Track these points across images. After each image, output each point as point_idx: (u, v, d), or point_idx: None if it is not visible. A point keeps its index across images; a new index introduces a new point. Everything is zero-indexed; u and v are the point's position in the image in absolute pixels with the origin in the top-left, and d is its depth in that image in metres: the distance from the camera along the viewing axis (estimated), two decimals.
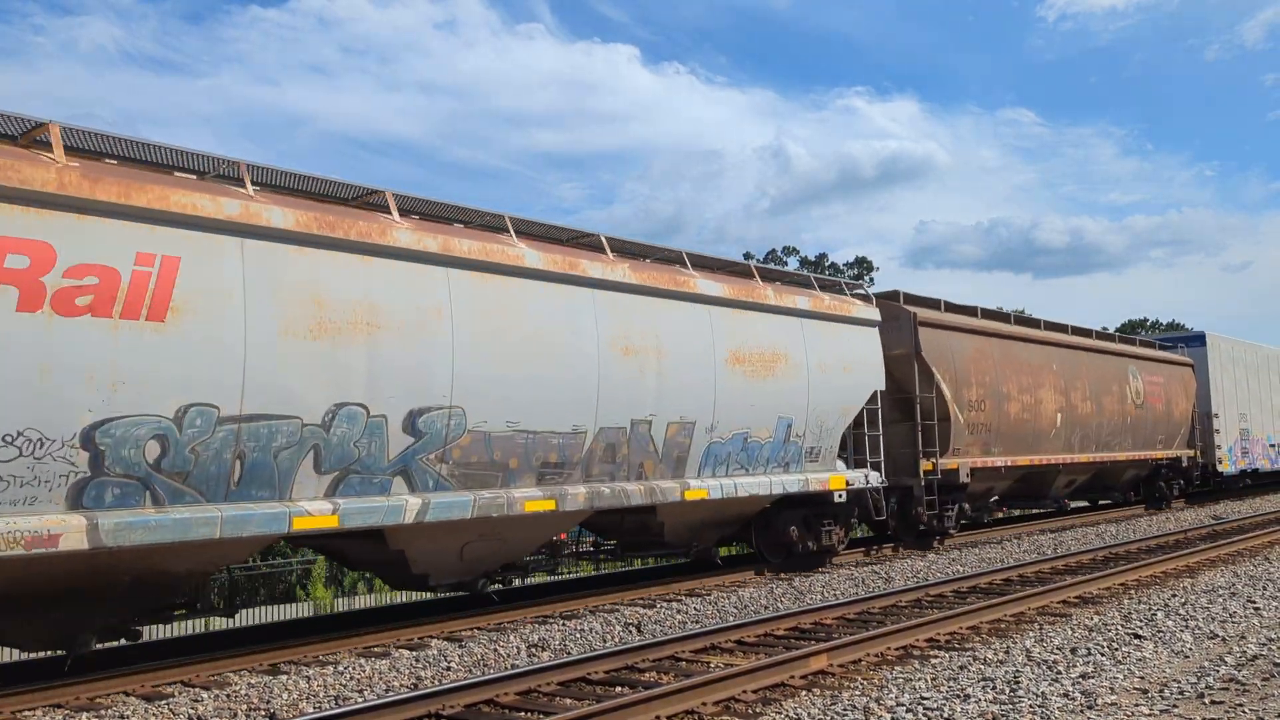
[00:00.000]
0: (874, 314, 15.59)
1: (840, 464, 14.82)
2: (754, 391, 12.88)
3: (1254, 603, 10.60)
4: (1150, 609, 10.40)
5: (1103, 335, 23.78)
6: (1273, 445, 31.52)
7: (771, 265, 14.52)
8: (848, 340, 14.75)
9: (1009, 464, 18.54)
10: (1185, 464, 25.71)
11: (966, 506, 18.25)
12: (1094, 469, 22.10)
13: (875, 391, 15.16)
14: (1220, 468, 27.32)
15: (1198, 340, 28.37)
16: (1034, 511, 24.70)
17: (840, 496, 14.48)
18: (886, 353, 15.72)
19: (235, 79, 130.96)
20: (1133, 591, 11.81)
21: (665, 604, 11.90)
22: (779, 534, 14.18)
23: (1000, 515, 24.36)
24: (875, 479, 15.21)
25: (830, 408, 14.15)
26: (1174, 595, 11.27)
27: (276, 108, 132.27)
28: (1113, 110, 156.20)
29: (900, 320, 16.84)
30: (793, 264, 55.10)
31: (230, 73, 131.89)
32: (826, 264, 55.37)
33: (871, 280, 54.45)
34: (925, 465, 16.60)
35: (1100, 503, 26.00)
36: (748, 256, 49.67)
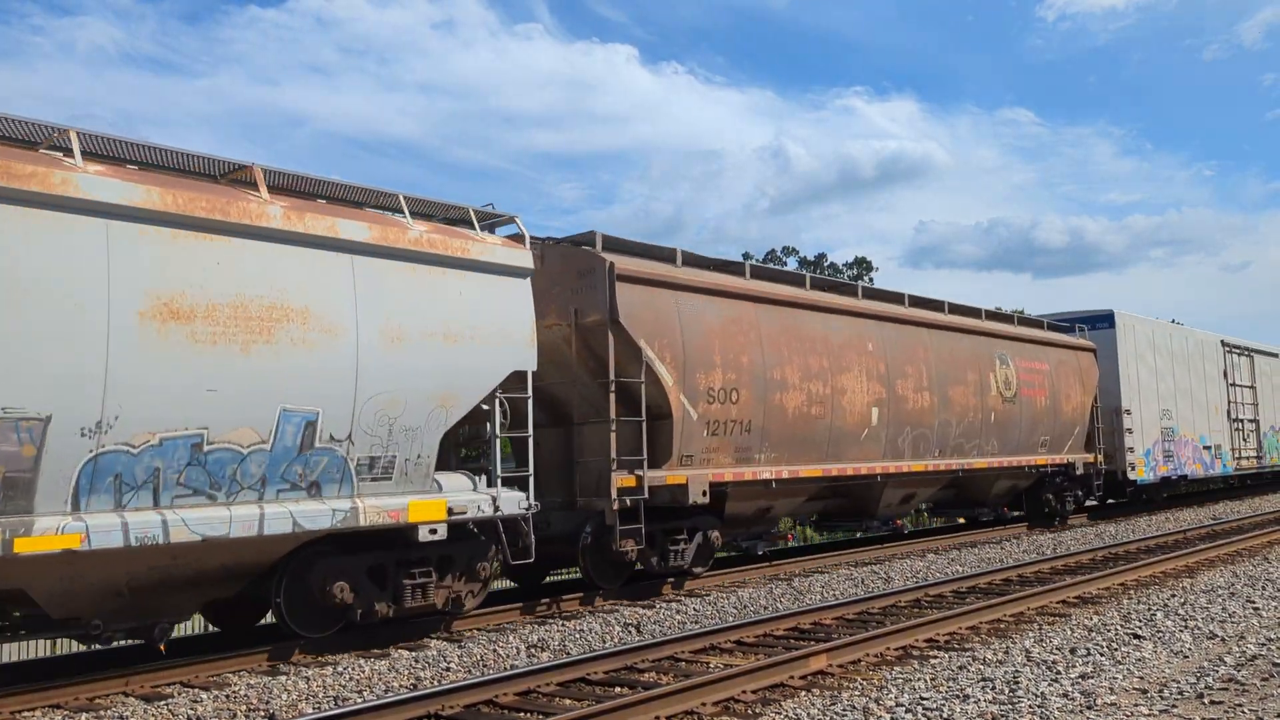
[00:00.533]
0: (519, 258, 10.50)
1: (463, 480, 10.08)
2: (216, 367, 8.10)
3: (1253, 603, 10.61)
4: (1150, 609, 10.41)
5: (959, 309, 18.38)
6: (1207, 448, 26.27)
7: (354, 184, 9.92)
8: (463, 295, 9.83)
9: (787, 475, 13.71)
10: (1081, 471, 20.79)
11: (716, 536, 13.28)
12: (943, 480, 17.38)
13: (523, 373, 10.41)
14: (1133, 475, 22.45)
15: (1104, 320, 23.26)
16: (860, 537, 19.65)
17: (432, 532, 9.60)
18: (579, 320, 11.88)
19: (234, 79, 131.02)
20: (1132, 591, 11.82)
21: (664, 604, 11.90)
22: (319, 595, 9.22)
23: (790, 543, 19.14)
24: (513, 502, 10.26)
25: (415, 397, 9.43)
26: (1173, 595, 11.28)
27: (276, 108, 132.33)
28: (1111, 110, 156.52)
29: (595, 274, 11.86)
30: (792, 264, 54.78)
31: (229, 73, 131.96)
32: (825, 263, 55.15)
33: (871, 280, 53.59)
34: (622, 480, 11.62)
35: (983, 520, 21.05)
36: (747, 256, 49.30)
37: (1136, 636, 9.02)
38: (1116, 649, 8.51)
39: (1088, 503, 23.44)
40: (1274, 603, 10.58)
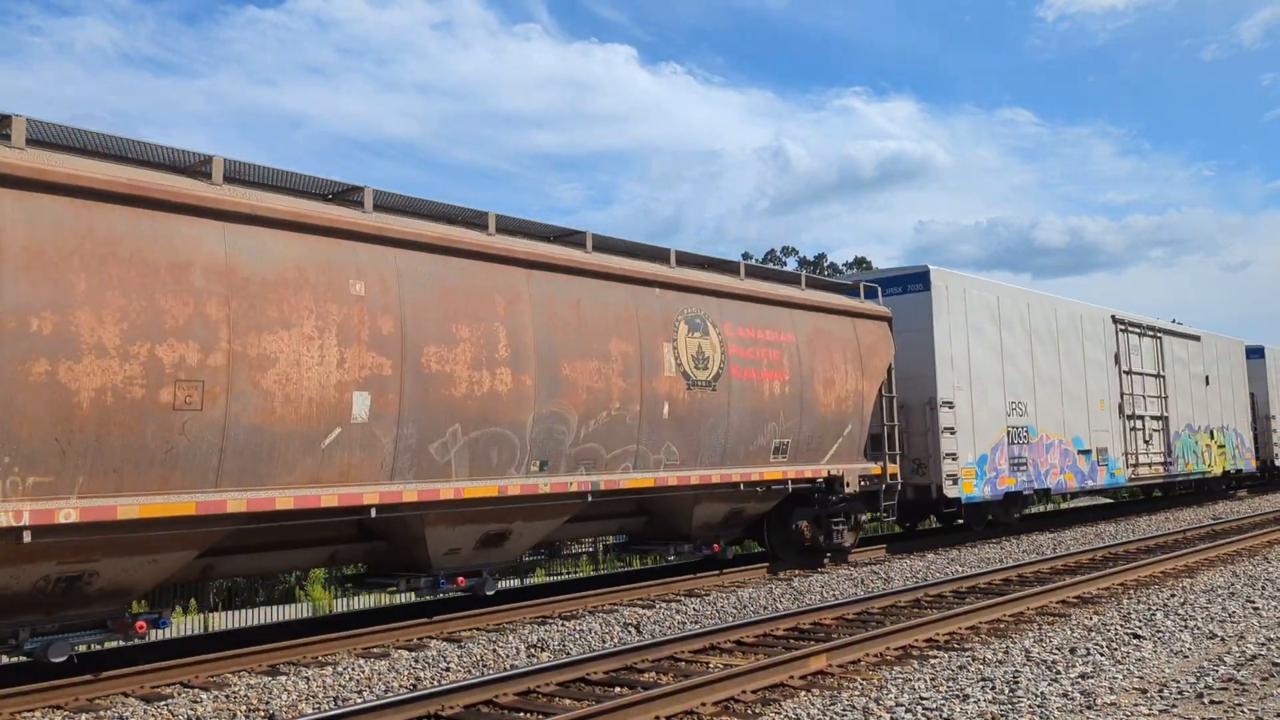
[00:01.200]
0: None
1: None
2: None
3: (1253, 603, 10.61)
4: (1149, 609, 10.41)
5: (618, 247, 12.14)
6: (1085, 453, 20.40)
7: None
8: None
9: (80, 519, 7.30)
10: (856, 486, 14.73)
11: None
12: (569, 509, 11.13)
13: None
14: (954, 490, 16.66)
15: (916, 281, 17.24)
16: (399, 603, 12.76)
17: None
18: None
19: (233, 80, 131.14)
20: (1132, 591, 11.83)
21: (664, 604, 11.90)
22: None
23: (142, 634, 8.13)
24: None
25: None
26: (1173, 595, 11.29)
27: (274, 108, 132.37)
28: (1110, 110, 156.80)
29: None
30: (791, 264, 54.91)
31: (228, 73, 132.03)
32: (825, 264, 55.18)
33: None
34: None
35: (697, 561, 15.02)
36: (746, 256, 49.58)
37: (1136, 636, 9.02)
38: (1116, 649, 8.51)
39: (925, 525, 19.56)
40: (1274, 603, 10.59)
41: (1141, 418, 22.87)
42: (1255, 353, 31.14)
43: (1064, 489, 20.09)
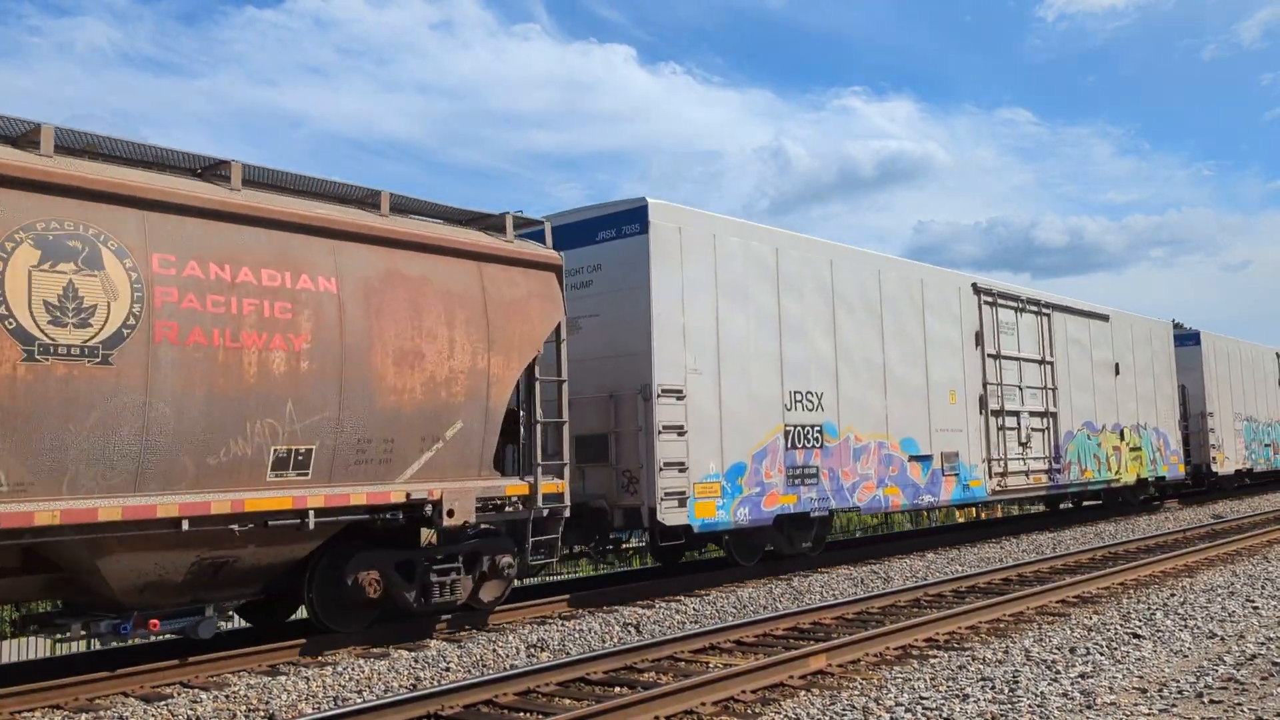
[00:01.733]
0: None
1: None
2: None
3: (1253, 602, 10.62)
4: (1149, 608, 10.41)
5: None
6: (920, 459, 15.68)
7: None
8: None
9: None
10: (473, 514, 9.71)
11: None
12: None
13: None
14: (684, 516, 12.01)
15: (631, 219, 12.28)
16: None
17: None
18: None
19: (232, 80, 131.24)
20: (1131, 591, 11.83)
21: (664, 604, 11.90)
22: None
23: None
24: None
25: None
26: (1173, 595, 11.29)
27: (274, 108, 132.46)
28: (1110, 110, 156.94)
29: None
30: None
31: (227, 73, 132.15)
32: None
33: None
34: None
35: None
36: None
37: (1136, 636, 9.03)
38: (1116, 648, 8.51)
39: (692, 557, 14.74)
40: (1274, 602, 10.59)
41: (1016, 414, 18.19)
42: (1189, 338, 26.57)
43: (882, 508, 15.16)
